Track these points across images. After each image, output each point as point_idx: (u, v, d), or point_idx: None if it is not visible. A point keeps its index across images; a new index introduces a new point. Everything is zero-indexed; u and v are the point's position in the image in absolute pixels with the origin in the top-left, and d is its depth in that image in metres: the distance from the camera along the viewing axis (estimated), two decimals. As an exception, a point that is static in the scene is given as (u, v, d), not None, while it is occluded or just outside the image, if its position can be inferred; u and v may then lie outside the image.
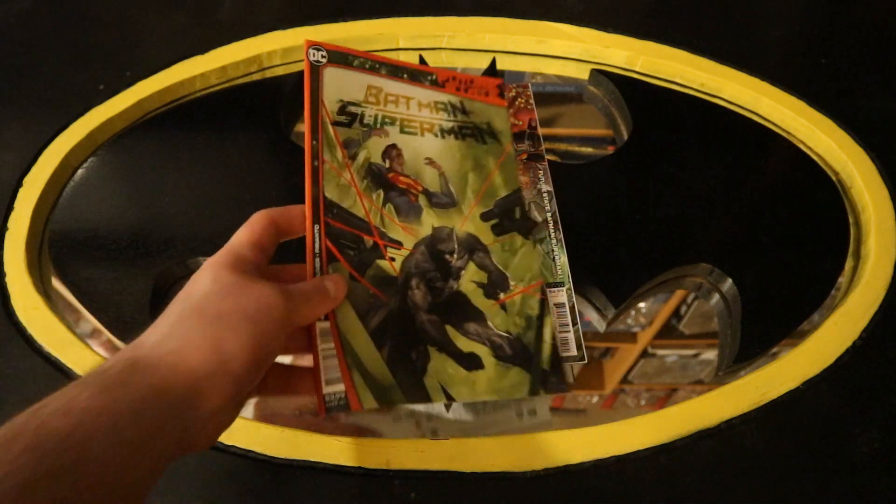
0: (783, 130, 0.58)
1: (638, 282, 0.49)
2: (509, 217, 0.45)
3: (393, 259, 0.40)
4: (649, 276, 0.49)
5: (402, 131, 0.45)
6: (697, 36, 0.62)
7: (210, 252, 0.34)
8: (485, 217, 0.44)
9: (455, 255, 0.42)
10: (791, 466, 0.41)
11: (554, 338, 0.42)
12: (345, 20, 0.63)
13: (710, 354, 0.52)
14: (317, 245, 0.38)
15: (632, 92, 0.59)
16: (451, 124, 0.47)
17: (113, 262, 0.49)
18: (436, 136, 0.46)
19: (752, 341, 0.47)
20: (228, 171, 0.54)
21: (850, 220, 0.52)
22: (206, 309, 0.31)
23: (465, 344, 0.40)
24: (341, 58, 0.45)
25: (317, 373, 0.36)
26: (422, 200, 0.43)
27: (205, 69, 0.59)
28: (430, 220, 0.42)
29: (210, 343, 0.29)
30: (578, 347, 0.43)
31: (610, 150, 0.58)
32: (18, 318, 0.46)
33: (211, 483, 0.40)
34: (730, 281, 0.49)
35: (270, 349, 0.31)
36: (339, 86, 0.44)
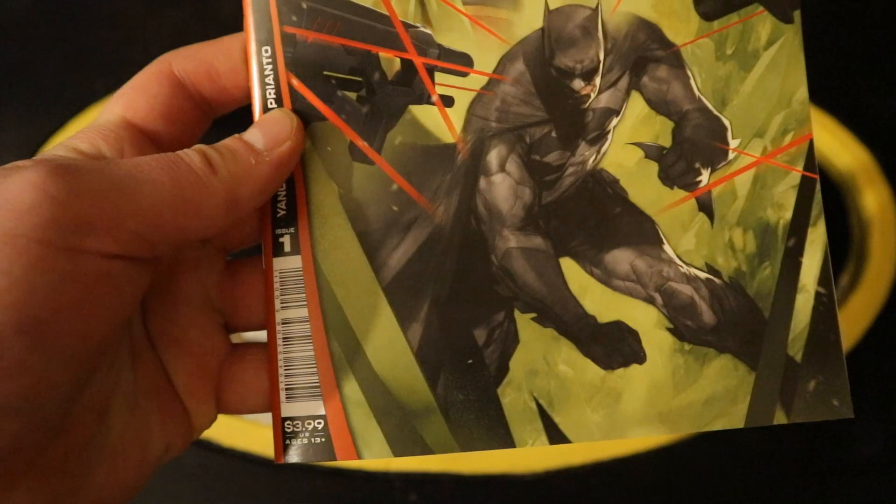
0: (784, 131, 0.58)
1: (638, 282, 0.49)
2: None
3: (449, 101, 0.19)
4: (650, 276, 0.49)
5: None
6: (698, 36, 0.61)
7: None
8: None
9: (597, 78, 0.19)
10: (791, 467, 0.41)
11: (829, 282, 0.21)
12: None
13: (711, 355, 0.52)
14: (268, 86, 0.20)
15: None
16: None
17: (112, 262, 0.49)
18: None
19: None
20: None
21: (852, 220, 0.52)
22: None
23: (603, 301, 0.19)
24: None
25: (273, 374, 0.19)
26: None
27: (204, 69, 0.59)
28: None
29: None
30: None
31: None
32: (16, 319, 0.46)
33: (209, 483, 0.40)
34: (730, 281, 0.49)
35: (38, 321, 0.13)
36: None
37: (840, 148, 0.55)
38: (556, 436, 0.18)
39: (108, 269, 0.15)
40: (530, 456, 0.41)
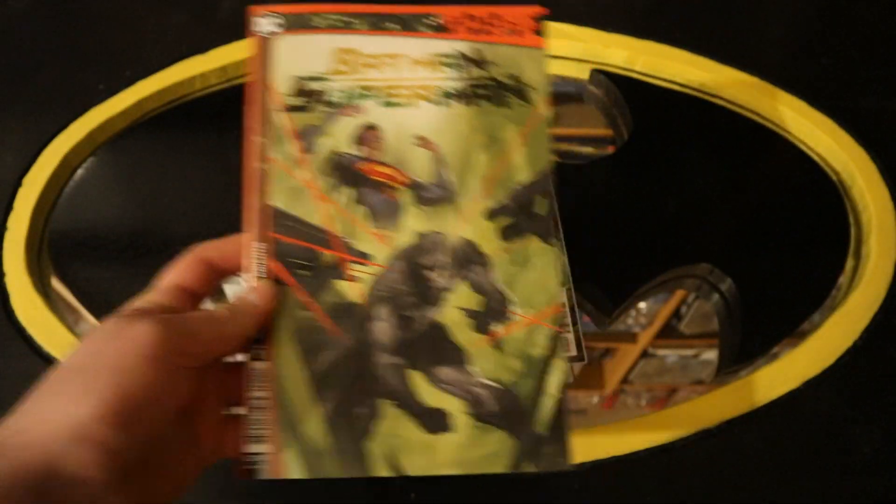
0: (783, 130, 0.58)
1: (638, 282, 0.49)
2: (527, 213, 0.33)
3: (357, 279, 0.32)
4: (649, 276, 0.49)
5: (385, 104, 0.34)
6: (697, 36, 0.62)
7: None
8: (492, 214, 0.33)
9: (442, 272, 0.32)
10: (791, 466, 0.41)
11: (563, 390, 0.31)
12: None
13: (710, 354, 0.52)
14: (259, 266, 0.31)
15: (632, 92, 0.59)
16: (459, 84, 0.34)
17: (113, 262, 0.49)
18: (435, 103, 0.34)
19: (753, 341, 0.47)
20: (228, 171, 0.54)
21: (851, 220, 0.52)
22: (64, 368, 0.26)
23: (432, 396, 0.31)
24: (300, 21, 0.36)
25: (245, 428, 0.30)
26: (405, 197, 0.33)
27: (205, 69, 0.59)
28: (413, 224, 0.33)
29: (61, 408, 0.25)
30: (579, 347, 0.35)
31: (610, 150, 0.58)
32: (18, 319, 0.46)
33: (210, 482, 0.40)
34: (730, 281, 0.49)
35: (149, 397, 0.25)
36: (296, 58, 0.35)
37: (839, 149, 0.55)
38: (395, 470, 0.30)
39: (186, 374, 0.27)
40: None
